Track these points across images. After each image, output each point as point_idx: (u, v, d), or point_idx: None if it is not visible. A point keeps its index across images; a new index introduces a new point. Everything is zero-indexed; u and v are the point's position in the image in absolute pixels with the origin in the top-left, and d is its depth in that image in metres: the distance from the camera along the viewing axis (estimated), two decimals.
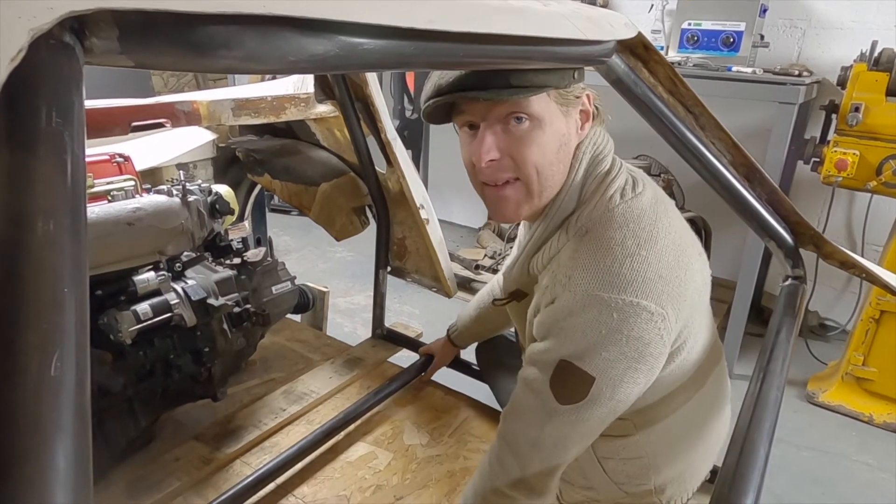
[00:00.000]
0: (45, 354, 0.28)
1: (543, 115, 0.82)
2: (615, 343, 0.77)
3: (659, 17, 2.96)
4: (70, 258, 0.31)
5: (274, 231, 3.73)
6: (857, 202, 2.74)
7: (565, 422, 0.82)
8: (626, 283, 0.77)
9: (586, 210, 0.86)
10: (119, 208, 1.28)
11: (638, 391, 0.83)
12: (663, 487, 1.01)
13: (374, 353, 1.88)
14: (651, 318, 0.77)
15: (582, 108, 0.87)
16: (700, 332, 0.91)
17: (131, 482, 1.29)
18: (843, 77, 2.18)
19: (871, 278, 1.25)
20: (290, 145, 1.99)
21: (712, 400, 1.04)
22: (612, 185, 0.87)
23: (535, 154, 0.83)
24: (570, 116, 0.86)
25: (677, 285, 0.81)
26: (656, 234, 0.82)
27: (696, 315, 0.88)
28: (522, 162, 0.83)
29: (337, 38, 0.46)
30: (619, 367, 0.78)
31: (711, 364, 1.02)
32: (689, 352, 0.89)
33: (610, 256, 0.79)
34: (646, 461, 0.98)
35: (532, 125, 0.82)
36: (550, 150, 0.84)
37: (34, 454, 0.28)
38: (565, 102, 0.84)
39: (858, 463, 2.08)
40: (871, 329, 2.25)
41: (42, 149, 0.32)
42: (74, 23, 0.35)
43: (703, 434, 1.03)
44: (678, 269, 0.82)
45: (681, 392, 0.95)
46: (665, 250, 0.81)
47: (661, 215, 0.85)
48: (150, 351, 1.33)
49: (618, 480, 1.02)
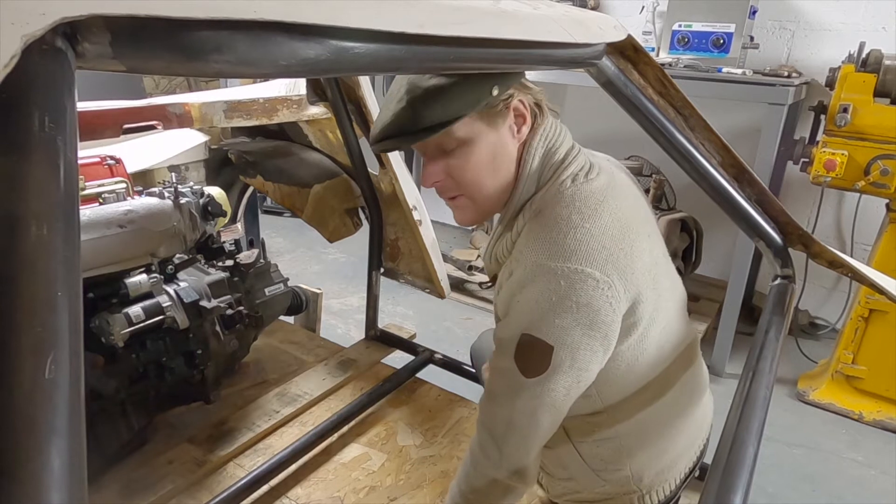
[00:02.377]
0: (39, 357, 0.29)
1: (470, 136, 0.87)
2: (566, 310, 0.81)
3: (650, 18, 2.98)
4: (63, 262, 0.31)
5: (267, 233, 3.72)
6: (845, 202, 2.77)
7: (534, 394, 0.86)
8: (570, 252, 0.82)
9: (540, 194, 0.92)
10: (110, 211, 1.28)
11: (598, 360, 0.87)
12: (640, 474, 1.02)
13: (367, 354, 1.88)
14: (597, 285, 0.81)
15: (516, 114, 0.90)
16: (660, 315, 0.94)
17: (125, 485, 1.29)
18: (831, 78, 2.20)
19: (858, 277, 1.26)
20: (283, 147, 1.99)
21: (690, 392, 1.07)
22: (566, 171, 0.91)
23: (469, 173, 0.90)
24: (501, 126, 0.89)
25: (622, 257, 0.85)
26: (601, 211, 0.87)
27: (650, 293, 0.90)
28: (461, 181, 0.91)
29: (328, 42, 0.46)
30: (575, 334, 0.82)
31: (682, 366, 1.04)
32: (647, 330, 0.91)
33: (556, 229, 0.85)
34: (618, 442, 1.01)
35: (462, 149, 0.88)
36: (484, 163, 0.90)
37: (29, 456, 0.28)
38: (490, 117, 0.88)
39: (848, 460, 2.10)
40: (860, 327, 2.27)
41: (35, 153, 0.32)
42: (67, 28, 0.35)
43: (680, 423, 1.05)
44: (623, 242, 0.86)
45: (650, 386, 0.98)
46: (609, 225, 0.86)
47: (610, 198, 0.90)
48: (142, 353, 1.33)
49: (594, 466, 1.04)
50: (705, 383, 1.13)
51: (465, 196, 0.94)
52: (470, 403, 1.68)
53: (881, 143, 2.04)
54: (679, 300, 1.04)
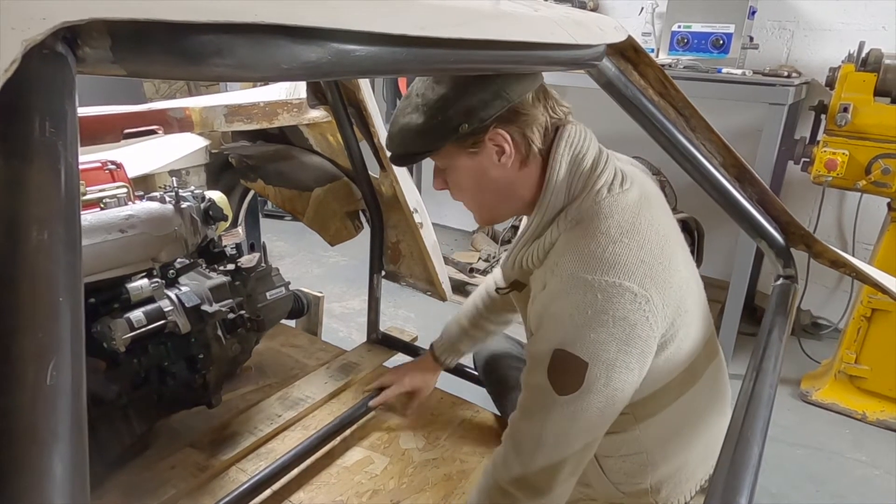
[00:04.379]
0: (40, 363, 0.29)
1: (448, 164, 0.96)
2: (602, 324, 0.80)
3: (649, 19, 2.98)
4: (65, 266, 0.31)
5: (268, 236, 3.72)
6: (847, 201, 2.76)
7: (565, 414, 0.84)
8: (608, 266, 0.82)
9: (575, 204, 0.91)
10: (111, 216, 1.27)
11: (633, 380, 0.85)
12: (659, 487, 1.01)
13: (369, 357, 1.88)
14: (635, 299, 0.80)
15: (494, 144, 0.92)
16: (692, 326, 0.94)
17: (127, 490, 1.28)
18: (831, 78, 2.20)
19: (861, 277, 1.26)
20: (284, 151, 1.99)
21: (709, 397, 1.06)
22: (600, 180, 0.91)
23: (456, 190, 1.00)
24: (479, 155, 0.93)
25: (661, 272, 0.84)
26: (639, 224, 0.87)
27: (687, 306, 0.90)
28: (454, 194, 1.01)
29: (329, 45, 0.46)
30: (610, 350, 0.81)
31: (707, 360, 1.03)
32: (682, 342, 0.91)
33: (594, 242, 0.85)
34: (644, 457, 0.99)
35: (448, 171, 0.98)
36: (468, 185, 0.97)
37: (31, 462, 0.28)
38: (466, 148, 0.92)
39: (852, 460, 2.09)
40: (862, 327, 2.26)
41: (36, 158, 0.32)
42: (67, 33, 0.35)
43: (700, 431, 1.04)
44: (661, 257, 0.86)
45: (676, 385, 0.97)
46: (647, 239, 0.86)
47: (645, 209, 0.90)
48: (144, 358, 1.33)
49: (615, 480, 1.02)
50: (727, 396, 1.13)
51: (465, 203, 1.02)
52: (472, 406, 1.68)
53: (882, 143, 2.04)
54: (705, 305, 1.04)
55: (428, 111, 0.89)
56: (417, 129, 0.90)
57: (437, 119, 0.88)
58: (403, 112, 0.93)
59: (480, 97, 0.86)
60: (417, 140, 0.92)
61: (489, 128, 0.89)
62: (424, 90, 0.90)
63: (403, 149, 0.95)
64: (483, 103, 0.87)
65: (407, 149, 0.94)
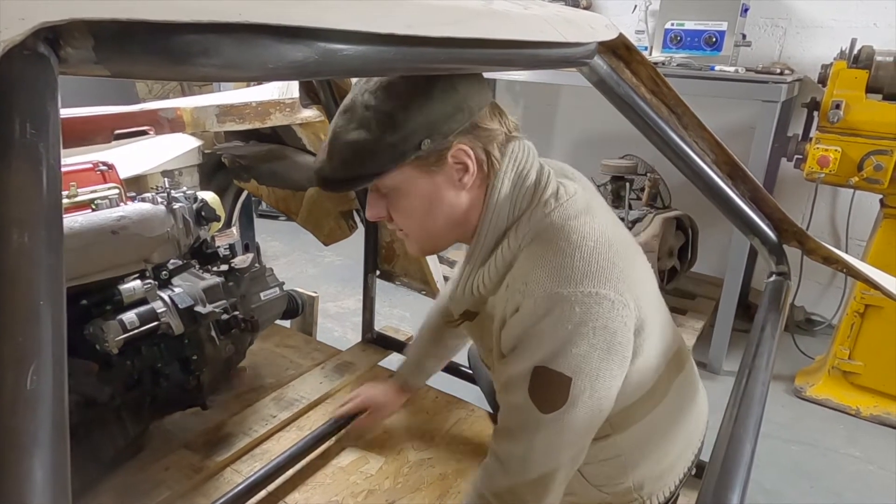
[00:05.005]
0: (20, 367, 0.28)
1: (399, 185, 0.84)
2: (583, 336, 0.78)
3: (642, 17, 2.99)
4: (46, 270, 0.30)
5: (262, 236, 3.71)
6: (840, 198, 2.78)
7: (552, 431, 0.82)
8: (581, 276, 0.79)
9: (524, 220, 0.87)
10: (103, 217, 1.27)
11: (616, 386, 0.84)
12: (641, 484, 1.01)
13: (364, 357, 1.88)
14: (612, 306, 0.79)
15: (456, 162, 0.83)
16: (658, 325, 0.92)
17: (121, 492, 1.28)
18: (823, 75, 2.20)
19: (853, 273, 1.27)
20: (277, 150, 1.99)
21: (683, 397, 1.05)
22: (545, 193, 0.87)
23: (402, 217, 0.88)
24: (437, 175, 0.84)
25: (629, 271, 0.83)
26: (595, 227, 0.84)
27: (652, 305, 0.89)
28: (398, 222, 0.90)
29: (316, 44, 0.46)
30: (593, 362, 0.79)
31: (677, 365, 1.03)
32: (652, 342, 0.90)
33: (559, 254, 0.81)
34: (622, 459, 0.99)
35: (395, 194, 0.86)
36: (418, 210, 0.87)
37: (11, 468, 0.27)
38: (424, 167, 0.83)
39: (846, 455, 2.10)
40: (856, 323, 2.27)
41: (16, 160, 0.32)
42: (49, 33, 0.34)
43: (677, 428, 1.04)
44: (625, 254, 0.84)
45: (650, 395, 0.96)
46: (610, 239, 0.83)
47: (596, 214, 0.87)
48: (137, 360, 1.32)
49: (597, 483, 1.02)
50: (697, 382, 1.12)
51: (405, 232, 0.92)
52: (468, 405, 1.68)
53: (874, 139, 2.04)
54: (664, 306, 1.01)
55: (380, 126, 0.77)
56: (368, 148, 0.78)
57: (393, 135, 0.77)
58: (346, 128, 0.80)
59: (442, 109, 0.78)
60: (367, 161, 0.79)
61: (452, 144, 0.81)
62: (374, 101, 0.78)
63: (346, 172, 0.81)
64: (445, 116, 0.79)
65: (351, 172, 0.81)
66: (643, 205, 2.76)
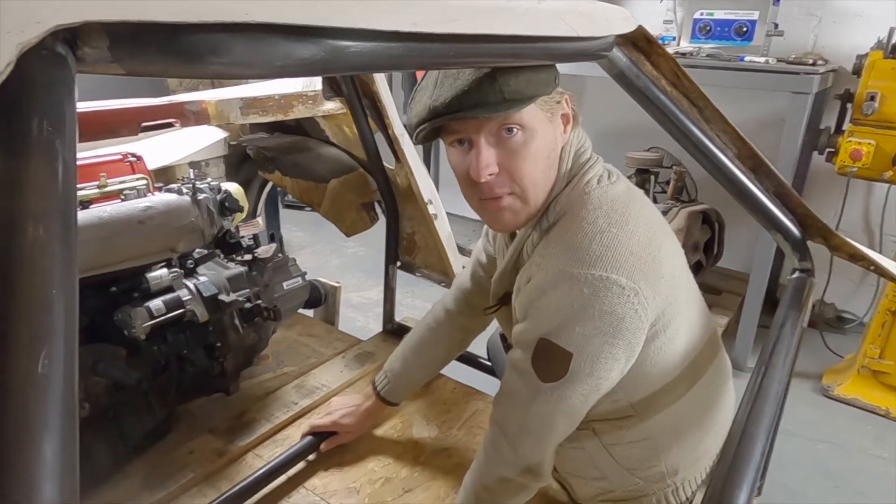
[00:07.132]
0: (33, 352, 0.30)
1: (534, 124, 0.84)
2: (588, 318, 0.79)
3: (671, 7, 2.92)
4: (60, 261, 0.32)
5: (287, 227, 3.77)
6: (874, 193, 2.69)
7: (549, 400, 0.85)
8: (595, 259, 0.80)
9: (563, 194, 0.89)
10: (130, 207, 1.31)
11: (619, 369, 0.85)
12: (675, 468, 1.01)
13: (384, 347, 1.90)
14: (623, 292, 0.79)
15: (563, 112, 0.89)
16: (686, 319, 0.93)
17: (147, 473, 1.32)
18: (858, 65, 2.14)
19: (880, 271, 1.24)
20: (300, 142, 2.01)
21: (716, 384, 1.05)
22: (589, 172, 0.90)
23: (528, 166, 0.85)
24: (555, 122, 0.88)
25: (650, 262, 0.83)
26: (627, 215, 0.85)
27: (679, 296, 0.89)
28: (519, 176, 0.85)
29: (323, 42, 0.47)
30: (595, 343, 0.80)
31: (710, 355, 1.03)
32: (675, 335, 0.90)
33: (581, 233, 0.82)
34: (652, 442, 0.99)
35: (525, 136, 0.84)
36: (542, 158, 0.86)
37: (21, 447, 0.29)
38: (549, 109, 0.86)
39: (874, 457, 2.05)
40: (887, 322, 2.22)
41: (34, 156, 0.33)
42: (67, 33, 0.36)
43: (711, 415, 1.04)
44: (650, 247, 0.84)
45: (678, 382, 0.96)
46: (636, 230, 0.84)
47: (633, 202, 0.88)
48: (163, 346, 1.36)
49: (628, 466, 1.02)
50: (729, 369, 1.13)
51: (516, 194, 0.87)
52: (486, 397, 1.68)
53: None
54: (698, 293, 1.03)
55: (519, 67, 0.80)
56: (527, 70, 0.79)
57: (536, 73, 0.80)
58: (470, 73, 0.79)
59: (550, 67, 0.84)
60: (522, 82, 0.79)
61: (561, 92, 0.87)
62: None
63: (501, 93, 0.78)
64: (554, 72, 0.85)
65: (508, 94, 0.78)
66: (668, 198, 2.72)
